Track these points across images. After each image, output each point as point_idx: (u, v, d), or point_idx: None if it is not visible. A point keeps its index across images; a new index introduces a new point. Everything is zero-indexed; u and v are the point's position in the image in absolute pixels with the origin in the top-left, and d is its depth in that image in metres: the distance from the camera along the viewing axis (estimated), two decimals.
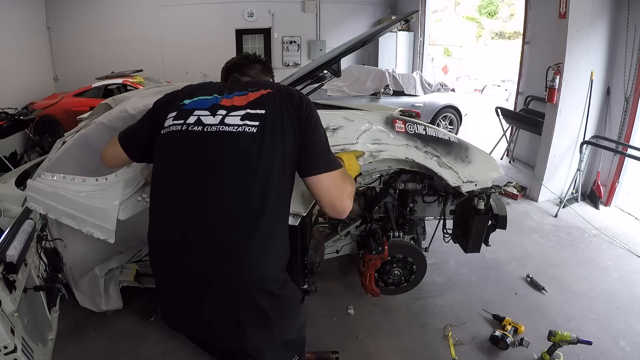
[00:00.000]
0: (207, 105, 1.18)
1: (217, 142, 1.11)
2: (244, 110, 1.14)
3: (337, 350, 2.11)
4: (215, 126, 1.13)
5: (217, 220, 1.07)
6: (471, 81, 12.61)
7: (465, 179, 2.12)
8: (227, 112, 1.14)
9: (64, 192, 1.87)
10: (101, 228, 1.90)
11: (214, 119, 1.14)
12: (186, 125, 1.15)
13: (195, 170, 1.12)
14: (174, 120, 1.18)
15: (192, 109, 1.18)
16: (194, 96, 1.21)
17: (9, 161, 4.64)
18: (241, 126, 1.11)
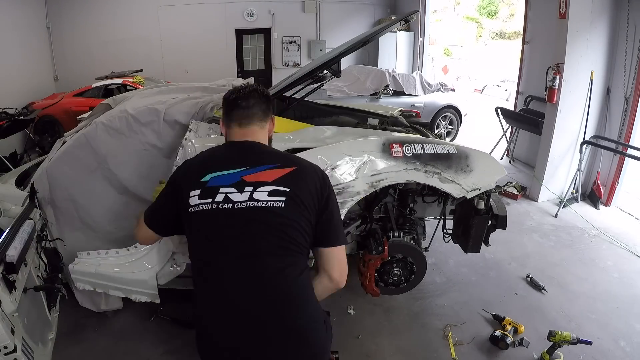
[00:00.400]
0: (231, 181, 1.23)
1: (248, 215, 1.18)
2: (272, 187, 1.21)
3: (337, 350, 2.10)
4: (245, 202, 1.19)
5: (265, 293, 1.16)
6: (471, 81, 12.61)
7: (469, 188, 2.13)
8: (255, 188, 1.21)
9: (104, 271, 2.07)
10: (147, 294, 2.13)
11: (241, 196, 1.20)
12: (215, 204, 1.20)
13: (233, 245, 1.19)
14: (200, 199, 1.22)
15: (217, 187, 1.22)
16: (213, 170, 1.25)
17: (9, 161, 4.64)
18: (269, 201, 1.19)
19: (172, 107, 2.19)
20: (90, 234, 2.29)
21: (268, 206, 1.19)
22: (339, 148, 1.96)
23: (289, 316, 1.17)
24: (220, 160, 1.30)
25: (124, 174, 2.20)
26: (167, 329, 2.34)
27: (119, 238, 2.32)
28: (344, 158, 1.94)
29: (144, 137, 2.18)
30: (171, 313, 2.43)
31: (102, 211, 2.26)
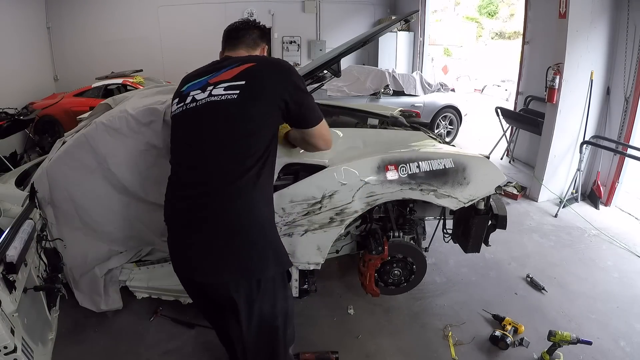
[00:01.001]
0: (199, 86, 1.42)
1: (205, 110, 1.36)
2: (228, 83, 1.36)
3: (337, 350, 2.11)
4: (205, 99, 1.37)
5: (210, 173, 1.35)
6: (471, 81, 12.60)
7: (466, 199, 2.13)
8: (214, 87, 1.37)
9: (155, 284, 2.39)
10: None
11: (203, 94, 1.38)
12: (185, 105, 1.43)
13: (190, 138, 1.40)
14: (177, 104, 1.47)
15: (189, 92, 1.44)
16: (190, 82, 1.48)
17: (9, 161, 4.64)
18: (224, 95, 1.34)
19: None
20: (90, 234, 2.29)
21: (222, 99, 1.34)
22: (335, 176, 1.98)
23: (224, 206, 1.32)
24: (198, 73, 1.50)
25: (124, 174, 2.20)
26: (167, 329, 2.34)
27: (119, 238, 2.32)
28: (341, 187, 1.98)
29: (144, 137, 2.18)
30: (171, 313, 2.44)
31: (102, 211, 2.26)
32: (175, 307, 2.46)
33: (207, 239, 1.34)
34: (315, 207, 1.98)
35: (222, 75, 1.39)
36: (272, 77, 1.37)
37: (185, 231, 1.39)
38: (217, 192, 1.32)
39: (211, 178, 1.34)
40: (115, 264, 2.31)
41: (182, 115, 1.44)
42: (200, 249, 1.36)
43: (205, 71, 1.47)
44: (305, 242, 2.04)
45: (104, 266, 2.29)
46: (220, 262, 1.34)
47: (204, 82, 1.41)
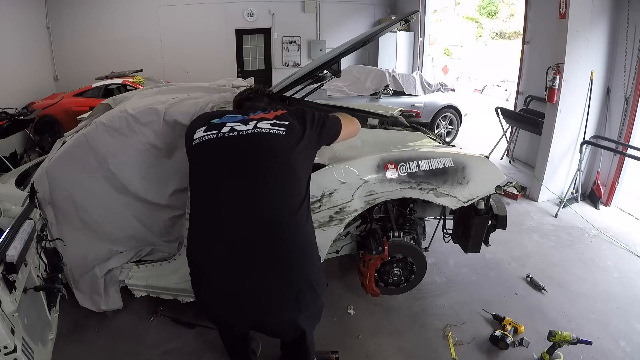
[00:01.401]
0: (237, 119, 1.41)
1: (253, 139, 1.35)
2: (273, 120, 1.40)
3: (337, 350, 2.11)
4: (250, 130, 1.36)
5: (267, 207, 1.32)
6: (471, 81, 12.60)
7: (466, 199, 2.13)
8: (258, 122, 1.39)
9: (154, 282, 2.35)
10: (190, 296, 2.33)
11: (246, 127, 1.37)
12: (222, 133, 1.37)
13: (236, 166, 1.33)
14: (205, 132, 1.39)
15: (224, 122, 1.40)
16: (213, 119, 1.45)
17: (9, 161, 4.64)
18: (272, 129, 1.36)
19: (172, 107, 2.19)
20: (90, 234, 2.29)
21: (271, 132, 1.36)
22: (334, 175, 1.99)
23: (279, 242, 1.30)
24: (222, 114, 1.51)
25: (124, 174, 2.20)
26: (167, 329, 2.34)
27: (119, 238, 2.32)
28: (340, 185, 1.98)
29: (144, 137, 2.18)
30: (171, 313, 2.44)
31: (102, 211, 2.26)
32: (175, 307, 2.46)
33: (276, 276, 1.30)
34: (315, 205, 1.98)
35: (261, 115, 1.44)
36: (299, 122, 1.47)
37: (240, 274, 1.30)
38: (277, 226, 1.29)
39: (269, 212, 1.29)
40: (115, 264, 2.31)
41: (215, 142, 1.34)
42: (269, 287, 1.31)
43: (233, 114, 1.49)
44: None
45: (104, 266, 2.29)
46: (291, 297, 1.34)
47: (242, 118, 1.42)
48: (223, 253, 1.29)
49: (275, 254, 1.29)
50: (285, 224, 1.30)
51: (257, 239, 1.28)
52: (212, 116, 1.49)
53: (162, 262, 2.34)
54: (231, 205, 1.30)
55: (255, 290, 1.31)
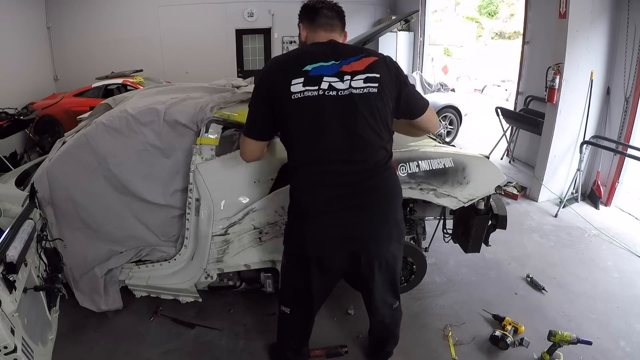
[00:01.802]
0: (332, 72, 1.45)
1: (349, 101, 1.44)
2: (365, 75, 1.46)
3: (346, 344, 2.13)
4: (346, 89, 1.44)
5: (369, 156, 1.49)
6: (471, 81, 12.59)
7: (466, 199, 2.14)
8: (352, 77, 1.45)
9: (154, 282, 2.37)
10: (190, 296, 2.45)
11: (343, 84, 1.44)
12: (322, 90, 1.43)
13: (338, 126, 1.45)
14: (305, 85, 1.43)
15: (321, 75, 1.44)
16: (313, 62, 1.46)
17: (9, 161, 4.64)
18: (366, 88, 1.45)
19: (172, 107, 2.19)
20: (90, 234, 2.29)
21: (365, 92, 1.45)
22: None
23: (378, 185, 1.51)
24: (316, 54, 1.49)
25: (124, 174, 2.20)
26: (167, 329, 2.34)
27: (119, 238, 2.32)
28: None
29: (144, 137, 2.18)
30: (171, 313, 2.44)
31: (102, 211, 2.26)
32: (175, 307, 2.46)
33: (375, 214, 1.51)
34: None
35: (354, 65, 1.47)
36: (391, 75, 1.52)
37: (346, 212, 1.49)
38: (375, 173, 1.49)
39: (368, 161, 1.48)
40: (115, 264, 2.31)
41: (318, 100, 1.43)
42: (374, 220, 1.52)
43: (325, 54, 1.49)
44: None
45: (104, 266, 2.29)
46: (386, 231, 1.56)
47: (337, 70, 1.45)
48: (330, 195, 1.48)
49: (373, 196, 1.50)
50: (381, 171, 1.51)
51: (359, 184, 1.48)
52: (300, 63, 1.46)
53: (162, 262, 2.34)
54: (335, 156, 1.46)
55: (358, 225, 1.50)
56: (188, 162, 2.18)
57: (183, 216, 2.26)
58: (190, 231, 2.23)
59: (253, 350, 2.19)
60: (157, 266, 2.35)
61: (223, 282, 2.40)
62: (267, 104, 1.50)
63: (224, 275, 2.36)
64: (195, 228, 2.20)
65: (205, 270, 2.26)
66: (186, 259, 2.29)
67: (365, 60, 1.49)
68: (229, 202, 2.15)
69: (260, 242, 2.19)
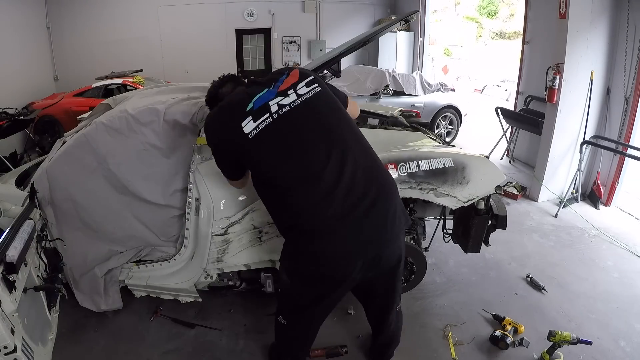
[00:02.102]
0: (273, 95, 1.45)
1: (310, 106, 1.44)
2: (303, 82, 1.48)
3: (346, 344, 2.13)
4: (296, 100, 1.43)
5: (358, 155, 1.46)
6: (471, 81, 12.60)
7: (466, 199, 2.13)
8: (294, 89, 1.46)
9: (154, 282, 2.37)
10: (190, 296, 2.43)
11: (289, 99, 1.43)
12: (276, 114, 1.41)
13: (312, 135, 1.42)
14: (256, 121, 1.40)
15: (266, 103, 1.43)
16: (251, 99, 1.45)
17: (9, 161, 4.64)
18: (312, 90, 1.46)
19: (172, 107, 2.19)
20: (90, 234, 2.29)
21: (314, 93, 1.46)
22: None
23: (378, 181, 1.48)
24: (248, 93, 1.49)
25: (124, 174, 2.20)
26: (167, 329, 2.34)
27: (119, 238, 2.32)
28: None
29: (144, 137, 2.18)
30: (171, 313, 2.44)
31: (102, 211, 2.26)
32: (175, 307, 2.46)
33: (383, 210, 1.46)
34: None
35: (286, 82, 1.48)
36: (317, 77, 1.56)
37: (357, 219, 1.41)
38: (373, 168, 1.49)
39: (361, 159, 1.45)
40: (115, 264, 2.31)
41: (275, 125, 1.40)
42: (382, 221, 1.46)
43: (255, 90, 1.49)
44: None
45: (104, 266, 2.29)
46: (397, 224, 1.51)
47: (274, 93, 1.46)
48: (334, 209, 1.38)
49: (378, 193, 1.44)
50: (376, 166, 1.50)
51: (361, 185, 1.41)
52: (242, 105, 1.45)
53: (162, 262, 2.34)
54: (327, 166, 1.38)
55: (374, 227, 1.44)
56: (188, 162, 2.18)
57: (183, 216, 2.26)
58: (190, 231, 2.23)
59: (253, 350, 2.19)
60: (157, 266, 2.35)
61: (223, 282, 2.40)
62: (228, 153, 1.52)
63: (223, 275, 2.36)
64: (195, 228, 2.20)
65: (205, 270, 2.26)
66: (186, 258, 2.29)
67: (293, 74, 1.51)
68: (229, 201, 2.15)
69: (260, 242, 2.19)
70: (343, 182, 1.39)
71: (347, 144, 1.44)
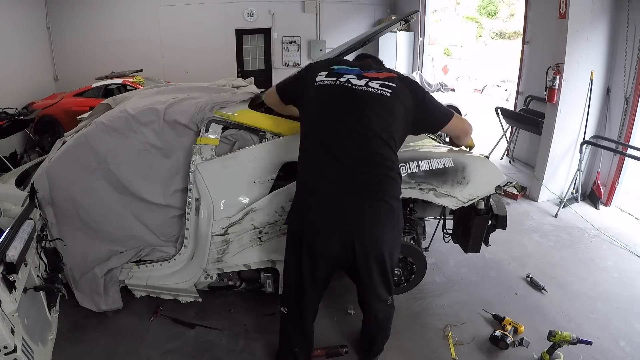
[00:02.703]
0: (354, 73, 1.68)
1: (363, 96, 1.62)
2: (382, 82, 1.65)
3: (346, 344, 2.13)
4: (362, 86, 1.63)
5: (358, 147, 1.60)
6: (471, 81, 12.57)
7: (466, 199, 2.13)
8: (370, 80, 1.65)
9: (154, 282, 2.37)
10: (190, 296, 2.44)
11: (360, 82, 1.64)
12: (339, 81, 1.65)
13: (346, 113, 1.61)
14: (326, 77, 1.68)
15: (342, 73, 1.68)
16: (339, 64, 1.75)
17: (9, 161, 4.64)
18: (380, 90, 1.63)
19: (172, 107, 2.19)
20: (90, 234, 2.29)
21: (378, 93, 1.62)
22: None
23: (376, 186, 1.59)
24: (344, 61, 1.81)
25: (124, 174, 2.20)
26: (167, 329, 2.34)
27: (119, 238, 2.32)
28: None
29: (144, 137, 2.18)
30: (171, 313, 2.44)
31: (102, 211, 2.26)
32: (175, 307, 2.46)
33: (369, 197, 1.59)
34: None
35: (374, 74, 1.68)
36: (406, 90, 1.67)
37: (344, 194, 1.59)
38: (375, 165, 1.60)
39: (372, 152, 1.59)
40: (115, 264, 2.31)
41: (333, 88, 1.64)
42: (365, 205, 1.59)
43: (352, 64, 1.76)
44: None
45: (104, 266, 2.29)
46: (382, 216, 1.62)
47: (358, 72, 1.68)
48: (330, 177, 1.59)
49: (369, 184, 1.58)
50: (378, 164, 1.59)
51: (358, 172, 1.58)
52: (334, 62, 1.78)
53: (162, 262, 2.34)
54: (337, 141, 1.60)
55: (354, 209, 1.58)
56: (188, 162, 2.18)
57: (183, 216, 2.26)
58: (190, 231, 2.23)
59: (253, 350, 2.19)
60: (157, 266, 2.35)
61: (223, 282, 2.40)
62: (297, 83, 1.84)
63: (223, 275, 2.36)
64: (195, 228, 2.20)
65: (205, 270, 2.26)
66: (186, 258, 2.29)
67: (385, 74, 1.70)
68: (229, 202, 2.15)
69: (260, 242, 2.19)
70: (342, 169, 1.58)
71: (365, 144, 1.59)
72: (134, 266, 2.37)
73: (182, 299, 2.44)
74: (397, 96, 1.62)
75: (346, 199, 1.58)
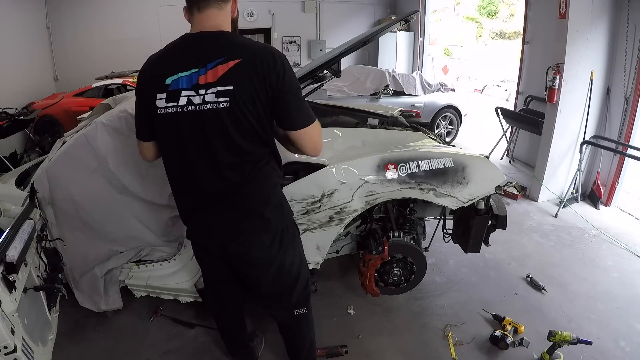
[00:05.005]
0: (190, 84, 1.31)
1: (204, 119, 1.31)
2: (216, 88, 1.28)
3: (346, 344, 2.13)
4: (200, 105, 1.30)
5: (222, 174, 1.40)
6: (471, 81, 12.60)
7: (466, 199, 2.13)
8: (206, 90, 1.29)
9: (154, 282, 2.37)
10: (190, 296, 2.42)
11: (199, 98, 1.30)
12: (180, 107, 1.33)
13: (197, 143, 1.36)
14: (167, 102, 1.35)
15: (179, 90, 1.32)
16: (174, 72, 1.33)
17: (9, 161, 4.64)
18: (217, 103, 1.29)
19: None
20: (91, 234, 2.29)
21: (215, 108, 1.29)
22: (334, 175, 1.99)
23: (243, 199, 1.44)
24: (177, 59, 1.35)
25: (124, 174, 2.20)
26: (167, 329, 2.34)
27: (119, 238, 2.32)
28: (340, 186, 1.99)
29: None
30: (171, 313, 2.44)
31: (102, 211, 2.26)
32: (175, 307, 2.46)
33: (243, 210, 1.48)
34: (315, 206, 1.99)
35: (209, 75, 1.28)
36: (258, 75, 1.27)
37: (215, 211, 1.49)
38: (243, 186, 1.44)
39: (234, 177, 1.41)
40: (115, 264, 2.31)
41: (179, 120, 1.34)
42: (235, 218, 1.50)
43: (188, 58, 1.32)
44: (305, 241, 2.04)
45: (104, 266, 2.29)
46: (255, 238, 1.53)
47: (194, 82, 1.29)
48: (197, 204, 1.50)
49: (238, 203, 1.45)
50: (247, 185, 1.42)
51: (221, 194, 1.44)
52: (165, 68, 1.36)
53: (162, 262, 2.34)
54: (197, 171, 1.41)
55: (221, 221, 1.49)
56: None
57: None
58: None
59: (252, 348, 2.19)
60: (157, 266, 2.35)
61: None
62: (144, 116, 1.48)
63: None
64: None
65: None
66: (186, 258, 2.29)
67: (223, 67, 1.27)
68: None
69: None
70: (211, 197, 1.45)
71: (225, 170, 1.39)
72: (134, 266, 2.37)
73: (182, 299, 2.44)
74: (238, 100, 1.28)
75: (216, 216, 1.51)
